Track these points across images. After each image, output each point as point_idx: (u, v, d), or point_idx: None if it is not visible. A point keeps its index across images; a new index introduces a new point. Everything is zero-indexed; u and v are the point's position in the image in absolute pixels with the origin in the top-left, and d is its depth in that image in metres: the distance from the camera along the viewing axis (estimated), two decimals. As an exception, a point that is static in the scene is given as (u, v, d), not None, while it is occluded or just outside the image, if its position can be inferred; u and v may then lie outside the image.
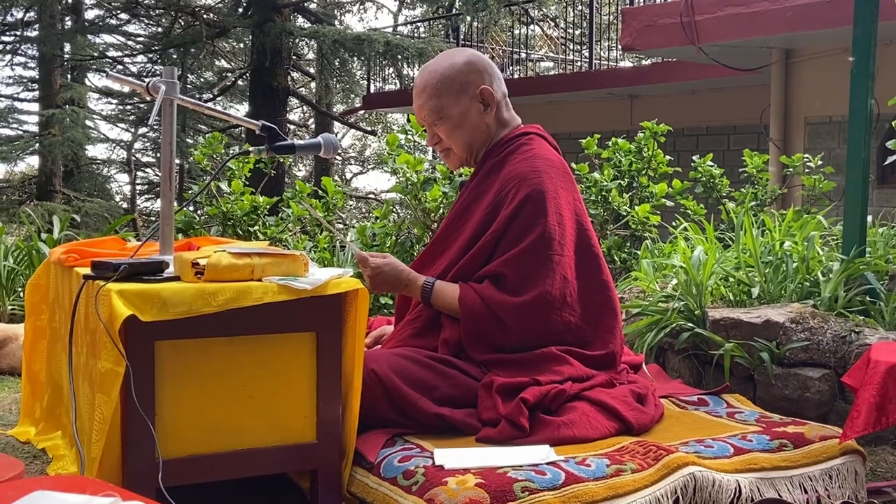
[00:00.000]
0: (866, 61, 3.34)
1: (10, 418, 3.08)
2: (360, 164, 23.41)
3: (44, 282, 2.84)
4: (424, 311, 2.58)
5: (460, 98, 2.61)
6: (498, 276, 2.48)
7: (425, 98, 2.63)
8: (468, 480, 1.96)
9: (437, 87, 2.61)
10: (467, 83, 2.62)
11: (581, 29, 16.52)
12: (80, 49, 14.18)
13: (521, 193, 2.52)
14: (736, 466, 2.17)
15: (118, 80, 2.45)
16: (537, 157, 2.60)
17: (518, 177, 2.55)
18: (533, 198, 2.51)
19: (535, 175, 2.54)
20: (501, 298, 2.45)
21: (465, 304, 2.46)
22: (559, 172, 2.60)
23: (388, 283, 2.55)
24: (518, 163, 2.59)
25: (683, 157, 7.41)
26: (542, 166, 2.57)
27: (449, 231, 2.67)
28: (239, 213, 4.89)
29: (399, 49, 11.90)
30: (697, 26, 7.13)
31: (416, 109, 2.68)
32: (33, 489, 1.07)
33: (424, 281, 2.54)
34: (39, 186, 14.72)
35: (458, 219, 2.66)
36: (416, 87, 2.66)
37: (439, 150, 2.74)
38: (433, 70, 2.64)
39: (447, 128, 2.64)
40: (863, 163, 3.35)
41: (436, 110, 2.62)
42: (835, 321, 3.08)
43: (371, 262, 2.54)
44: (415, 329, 2.58)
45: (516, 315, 2.45)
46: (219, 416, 2.05)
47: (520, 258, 2.47)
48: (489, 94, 2.63)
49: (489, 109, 2.64)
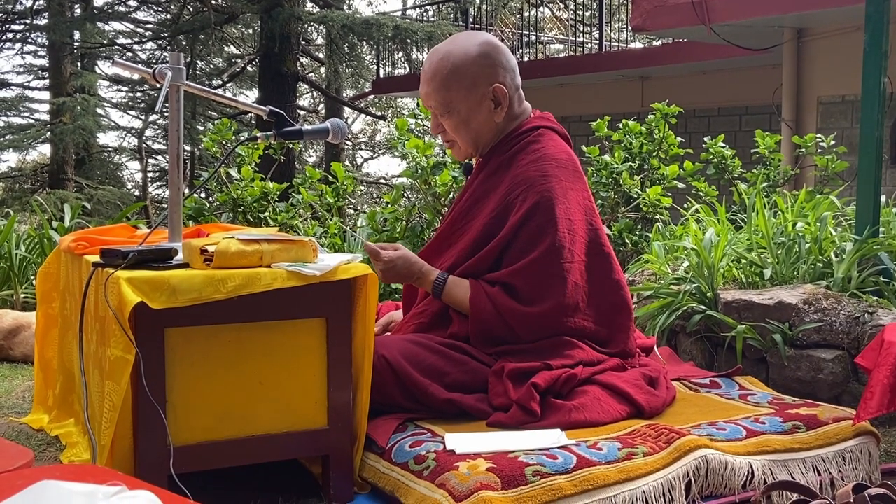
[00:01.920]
0: (879, 39, 3.30)
1: (23, 406, 3.09)
2: (371, 149, 23.40)
3: (54, 270, 2.85)
4: (430, 306, 2.56)
5: (470, 94, 2.52)
6: (509, 285, 2.45)
7: (434, 87, 2.53)
8: (479, 465, 1.96)
9: (447, 77, 2.51)
10: (480, 78, 2.51)
11: (591, 10, 16.43)
12: (89, 37, 14.18)
13: (530, 201, 2.47)
14: (748, 449, 2.16)
15: (125, 67, 2.44)
16: (546, 157, 2.54)
17: (526, 181, 2.50)
18: (542, 205, 2.46)
19: (545, 180, 2.49)
20: (513, 307, 2.42)
21: (476, 308, 2.44)
22: (568, 172, 2.54)
23: (400, 276, 2.53)
24: (526, 165, 2.53)
25: (695, 139, 7.39)
26: (550, 169, 2.51)
27: (455, 227, 2.62)
28: (249, 200, 4.89)
29: (408, 33, 11.84)
30: (708, 6, 7.07)
31: (422, 95, 2.59)
32: (41, 478, 1.07)
33: (437, 276, 2.51)
34: (51, 175, 14.75)
35: (464, 216, 2.61)
36: (426, 72, 2.55)
37: (443, 139, 2.67)
38: (445, 56, 2.53)
39: (454, 122, 2.57)
40: (876, 142, 3.32)
41: (443, 103, 2.54)
42: (848, 302, 3.06)
43: (384, 256, 2.49)
44: (419, 325, 2.56)
45: (528, 324, 2.43)
46: (229, 402, 2.05)
47: (530, 269, 2.44)
48: (502, 93, 2.53)
49: (500, 109, 2.55)
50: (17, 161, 18.46)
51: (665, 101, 5.15)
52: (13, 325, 3.95)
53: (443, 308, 2.54)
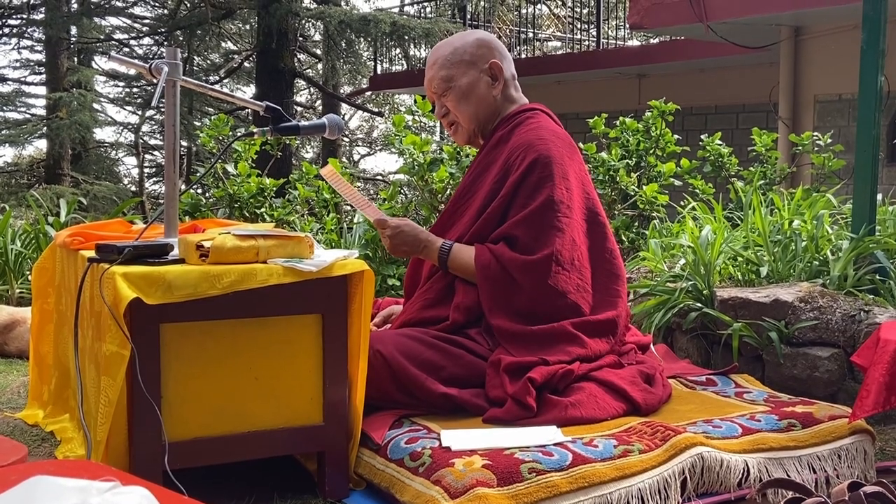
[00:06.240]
0: (876, 38, 3.30)
1: (18, 401, 3.09)
2: (368, 146, 23.37)
3: (50, 265, 2.84)
4: (437, 283, 2.61)
5: (469, 69, 2.69)
6: (510, 237, 2.53)
7: (436, 69, 2.71)
8: (475, 462, 1.96)
9: (448, 58, 2.70)
10: (478, 56, 2.70)
11: (589, 7, 16.42)
12: (86, 32, 14.14)
13: (529, 158, 2.57)
14: (744, 447, 2.16)
15: (121, 61, 2.44)
16: (543, 127, 2.66)
17: (525, 144, 2.61)
18: (540, 162, 2.56)
19: (542, 142, 2.60)
20: (513, 256, 2.49)
21: (480, 263, 2.50)
22: (565, 144, 2.65)
23: (406, 243, 2.59)
24: (525, 133, 2.65)
25: (692, 136, 7.37)
26: (548, 136, 2.63)
27: (459, 202, 2.71)
28: (245, 196, 4.88)
29: (405, 29, 11.83)
30: (706, 4, 7.07)
31: (426, 83, 2.75)
32: (34, 474, 1.07)
33: (442, 243, 2.58)
34: (48, 170, 14.73)
35: (468, 190, 2.71)
36: (428, 62, 2.75)
37: (446, 123, 2.78)
38: (446, 44, 2.75)
39: (455, 98, 2.70)
40: (872, 140, 3.31)
41: (445, 80, 2.69)
42: (844, 300, 3.06)
43: (391, 222, 2.60)
44: (426, 301, 2.60)
45: (527, 272, 2.47)
46: (225, 398, 2.04)
47: (529, 220, 2.51)
48: (498, 67, 2.71)
49: (497, 83, 2.71)
50: (13, 156, 18.42)
51: (662, 98, 5.15)
52: (8, 320, 3.94)
53: (449, 283, 2.59)
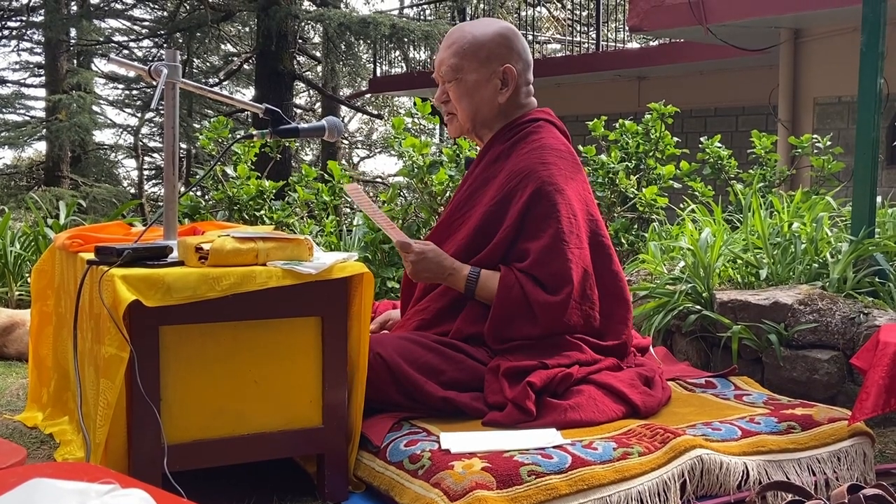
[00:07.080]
0: (876, 40, 3.30)
1: (17, 404, 3.09)
2: (367, 148, 23.37)
3: (49, 267, 2.84)
4: (434, 303, 2.56)
5: (481, 67, 2.60)
6: (533, 277, 2.45)
7: (449, 54, 2.62)
8: (474, 464, 1.96)
9: (463, 46, 2.60)
10: (494, 55, 2.60)
11: (588, 10, 16.42)
12: (85, 34, 14.14)
13: (531, 188, 2.49)
14: (743, 449, 2.16)
15: (120, 64, 2.43)
16: (545, 147, 2.57)
17: (526, 169, 2.53)
18: (543, 193, 2.48)
19: (544, 168, 2.52)
20: (537, 294, 2.43)
21: (506, 289, 2.43)
22: (568, 163, 2.57)
23: (429, 270, 2.50)
24: (526, 154, 2.56)
25: (691, 139, 7.37)
26: (550, 158, 2.54)
27: (455, 215, 2.64)
28: (245, 198, 4.88)
29: (405, 32, 11.83)
30: (705, 6, 7.07)
31: (437, 63, 2.67)
32: (33, 476, 1.07)
33: (470, 271, 2.49)
34: (47, 172, 14.74)
35: (465, 204, 2.63)
36: (446, 40, 2.66)
37: (445, 110, 2.72)
38: (467, 30, 2.64)
39: (458, 91, 2.63)
40: (872, 143, 3.32)
41: (454, 68, 2.61)
42: (843, 302, 3.06)
43: (414, 247, 2.49)
44: (422, 321, 2.56)
45: (549, 312, 2.43)
46: (224, 401, 2.04)
47: (542, 260, 2.45)
48: (511, 73, 2.61)
49: (506, 89, 2.62)
50: (12, 158, 18.43)
51: (662, 101, 5.15)
52: (7, 322, 3.94)
53: (447, 305, 2.54)
